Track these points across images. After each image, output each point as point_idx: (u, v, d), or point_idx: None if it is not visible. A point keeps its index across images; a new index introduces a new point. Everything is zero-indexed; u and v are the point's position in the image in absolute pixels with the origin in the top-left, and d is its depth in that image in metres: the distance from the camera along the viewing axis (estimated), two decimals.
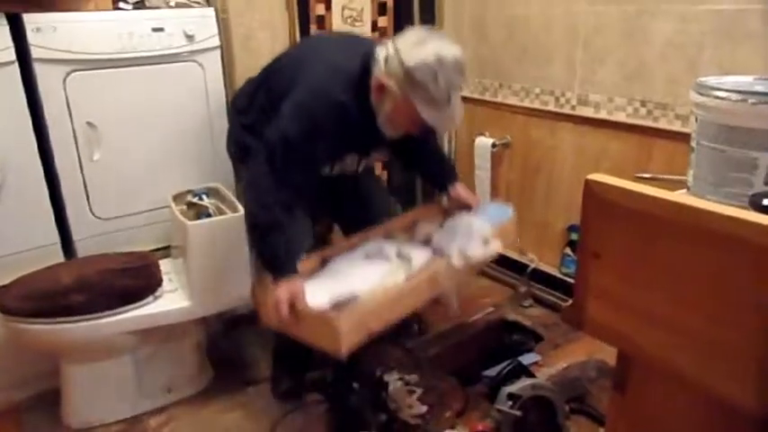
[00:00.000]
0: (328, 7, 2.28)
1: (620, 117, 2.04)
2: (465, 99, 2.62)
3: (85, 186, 1.87)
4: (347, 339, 1.33)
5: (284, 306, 1.35)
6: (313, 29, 2.25)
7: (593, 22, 2.05)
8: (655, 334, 0.71)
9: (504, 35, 2.39)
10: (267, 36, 2.15)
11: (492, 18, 2.42)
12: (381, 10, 2.43)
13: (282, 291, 1.37)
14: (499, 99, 2.46)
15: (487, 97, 2.50)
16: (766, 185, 0.82)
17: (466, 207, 1.83)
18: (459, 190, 1.85)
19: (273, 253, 1.44)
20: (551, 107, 2.27)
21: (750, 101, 0.80)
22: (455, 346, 2.20)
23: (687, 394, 0.73)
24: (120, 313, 1.68)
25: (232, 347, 2.17)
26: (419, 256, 1.62)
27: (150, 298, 1.74)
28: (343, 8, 2.31)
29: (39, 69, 1.72)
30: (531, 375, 1.81)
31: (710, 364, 0.66)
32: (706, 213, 0.62)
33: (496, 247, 1.67)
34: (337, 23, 2.30)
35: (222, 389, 1.95)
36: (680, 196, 0.66)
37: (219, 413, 1.84)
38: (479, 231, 1.67)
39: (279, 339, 1.86)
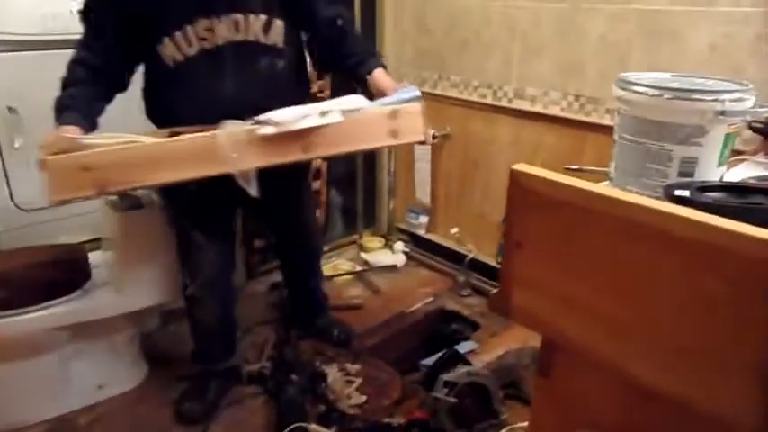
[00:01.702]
0: None
1: (555, 111, 2.10)
2: None
3: (6, 175, 1.78)
4: (59, 185, 1.25)
5: (44, 147, 1.27)
6: None
7: (531, 18, 2.09)
8: (575, 320, 0.73)
9: (444, 27, 2.41)
10: None
11: (433, 10, 2.44)
12: None
13: (50, 134, 1.32)
14: (438, 91, 2.49)
15: (427, 89, 2.52)
16: (681, 176, 0.86)
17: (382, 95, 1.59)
18: (378, 76, 1.58)
19: (60, 103, 1.39)
20: (489, 100, 2.31)
21: (666, 96, 0.84)
22: (394, 336, 2.22)
23: (605, 377, 0.76)
24: (45, 308, 1.61)
25: (168, 342, 2.11)
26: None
27: (78, 292, 1.67)
28: None
29: None
30: (468, 363, 1.84)
31: (629, 349, 0.69)
32: (621, 203, 0.65)
33: (334, 118, 1.38)
34: None
35: (157, 385, 1.91)
36: (597, 186, 0.68)
37: (154, 409, 1.80)
38: (328, 105, 1.41)
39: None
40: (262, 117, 1.35)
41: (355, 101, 1.46)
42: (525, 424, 1.62)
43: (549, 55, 2.07)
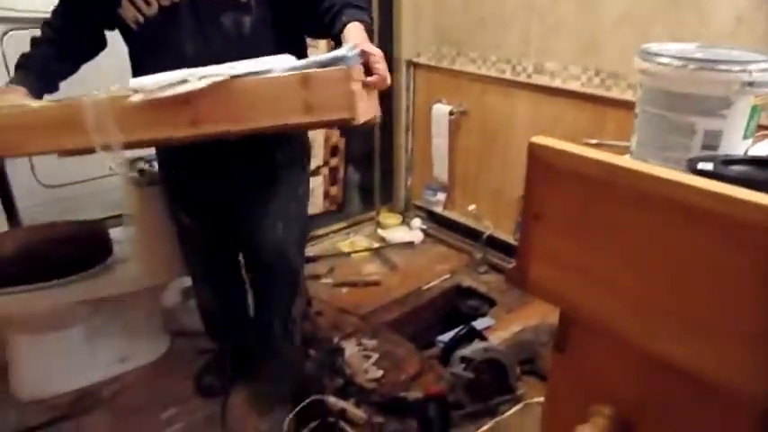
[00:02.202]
0: None
1: (575, 86, 2.06)
2: (422, 66, 2.62)
3: None
4: None
5: None
6: None
7: None
8: (594, 293, 0.73)
9: (462, 3, 2.37)
10: None
11: None
12: None
13: None
14: (456, 67, 2.46)
15: (445, 65, 2.49)
16: (704, 149, 0.85)
17: None
18: (348, 32, 1.24)
19: (18, 62, 1.35)
20: (508, 75, 2.28)
21: (690, 66, 0.82)
22: (411, 312, 2.24)
23: (624, 352, 0.76)
24: (67, 283, 1.64)
25: (189, 317, 2.14)
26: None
27: (99, 267, 1.70)
28: None
29: None
30: (485, 339, 1.85)
31: (645, 322, 0.68)
32: (642, 175, 0.64)
33: (208, 81, 1.08)
34: None
35: (178, 358, 1.94)
36: (617, 158, 0.67)
37: (175, 382, 1.83)
38: (221, 69, 1.11)
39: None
40: (133, 81, 1.16)
41: (277, 62, 1.16)
42: (541, 399, 1.63)
43: (569, 29, 2.03)
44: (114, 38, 1.44)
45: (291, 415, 1.63)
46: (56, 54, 1.37)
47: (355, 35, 1.21)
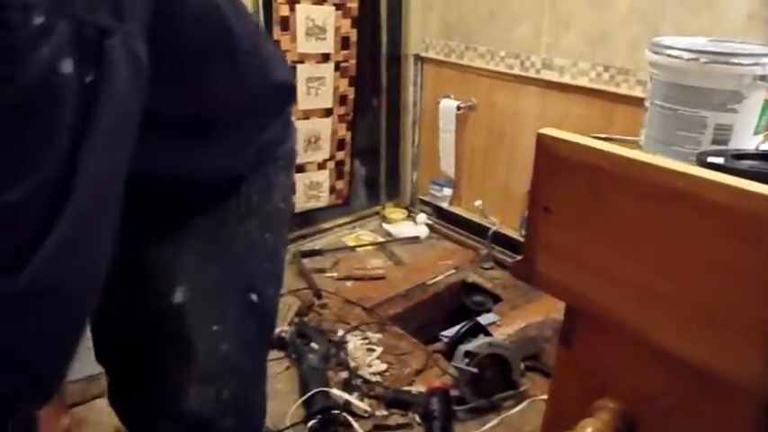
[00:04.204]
0: None
1: (584, 81, 2.05)
2: (430, 60, 2.61)
3: None
4: None
5: None
6: None
7: None
8: (601, 286, 0.72)
9: None
10: None
11: None
12: None
13: None
14: (465, 61, 2.45)
15: (453, 59, 2.48)
16: (714, 144, 0.84)
17: None
18: None
19: None
20: (516, 70, 2.27)
21: (702, 60, 0.81)
22: (416, 307, 2.23)
23: (630, 346, 0.75)
24: None
25: None
26: None
27: None
28: None
29: None
30: (489, 334, 1.85)
31: (653, 316, 0.68)
32: (651, 167, 0.63)
33: None
34: None
35: None
36: (627, 150, 0.66)
37: None
38: None
39: None
40: None
41: None
42: (545, 397, 1.63)
43: (579, 24, 2.02)
44: None
45: (295, 406, 1.63)
46: None
47: None
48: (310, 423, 1.58)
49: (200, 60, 0.71)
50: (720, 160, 0.73)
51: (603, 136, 1.14)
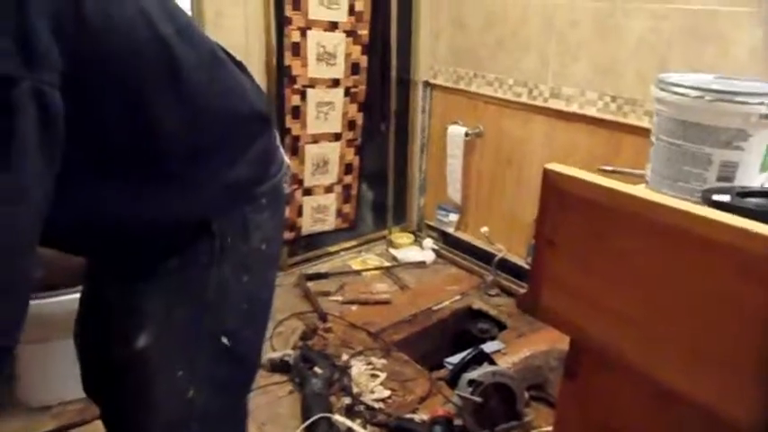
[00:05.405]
0: None
1: (591, 111, 2.07)
2: (439, 87, 2.64)
3: None
4: None
5: None
6: (288, 9, 2.22)
7: (569, 17, 2.06)
8: (604, 323, 0.72)
9: (480, 25, 2.39)
10: (239, 13, 2.12)
11: (470, 8, 2.42)
12: None
13: None
14: (473, 89, 2.47)
15: (462, 86, 2.51)
16: (719, 181, 0.84)
17: None
18: None
19: None
20: (524, 99, 2.28)
21: (707, 98, 0.82)
22: (421, 333, 2.22)
23: (634, 381, 0.75)
24: (77, 292, 1.64)
25: None
26: None
27: None
28: None
29: None
30: (494, 363, 1.83)
31: (655, 352, 0.68)
32: (655, 205, 0.64)
33: None
34: (314, 3, 2.27)
35: None
36: (632, 188, 0.67)
37: None
38: None
39: None
40: None
41: None
42: (550, 428, 1.61)
43: (587, 54, 2.04)
44: None
45: (298, 431, 1.62)
46: None
47: None
48: None
49: (139, 91, 0.70)
50: (726, 198, 0.73)
51: (610, 168, 1.15)
